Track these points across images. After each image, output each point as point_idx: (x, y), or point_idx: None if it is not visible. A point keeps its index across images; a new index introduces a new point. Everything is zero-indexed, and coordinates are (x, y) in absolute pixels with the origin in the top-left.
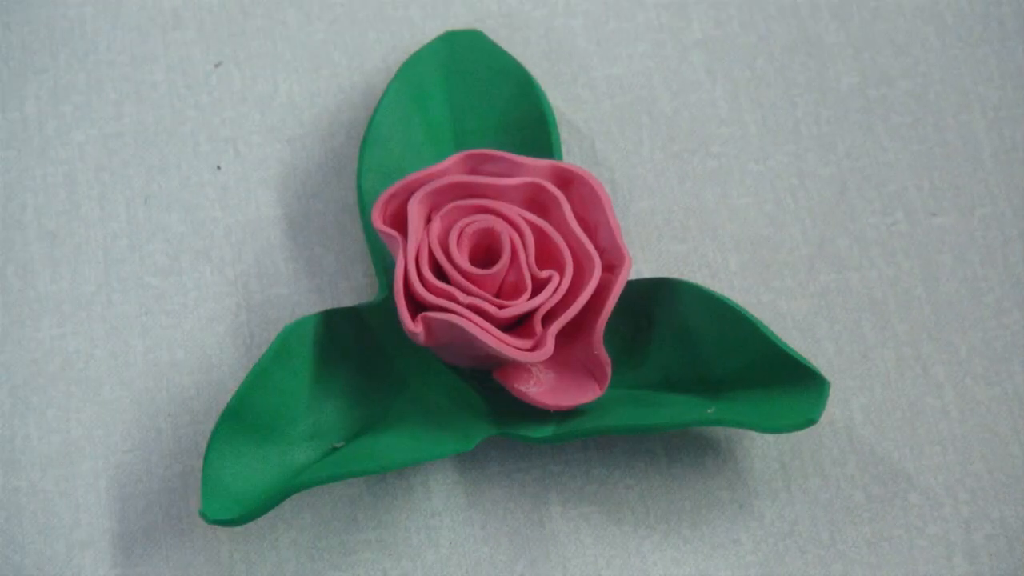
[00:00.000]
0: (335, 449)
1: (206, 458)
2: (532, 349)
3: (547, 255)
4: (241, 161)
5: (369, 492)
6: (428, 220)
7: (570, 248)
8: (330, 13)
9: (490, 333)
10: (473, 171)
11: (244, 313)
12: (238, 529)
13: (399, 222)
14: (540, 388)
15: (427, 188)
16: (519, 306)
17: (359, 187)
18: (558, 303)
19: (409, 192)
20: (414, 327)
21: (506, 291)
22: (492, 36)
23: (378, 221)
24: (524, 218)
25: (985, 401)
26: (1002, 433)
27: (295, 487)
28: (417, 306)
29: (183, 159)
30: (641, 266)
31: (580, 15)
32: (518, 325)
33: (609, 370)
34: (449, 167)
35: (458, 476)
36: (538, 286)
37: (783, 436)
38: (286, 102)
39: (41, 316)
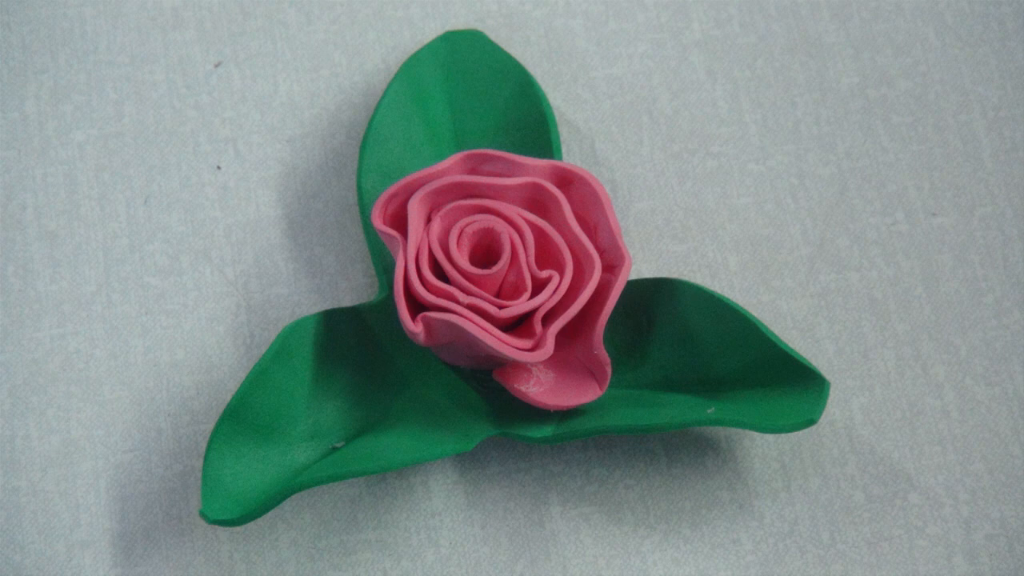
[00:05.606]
0: (335, 449)
1: (206, 458)
2: (532, 349)
3: (547, 255)
4: (241, 161)
5: (369, 492)
6: (428, 220)
7: (570, 248)
8: (330, 13)
9: (490, 333)
10: (473, 171)
11: (244, 313)
12: (238, 529)
13: (399, 222)
14: (540, 388)
15: (427, 188)
16: (519, 306)
17: (359, 187)
18: (558, 303)
19: (409, 192)
20: (414, 327)
21: (506, 291)
22: (492, 36)
23: (378, 221)
24: (524, 218)
25: (985, 401)
26: (1002, 433)
27: (295, 487)
28: (417, 306)
29: (183, 159)
30: (641, 266)
31: (580, 15)
32: (518, 325)
33: (609, 370)
34: (449, 167)
35: (458, 476)
36: (538, 286)
37: (783, 436)
38: (286, 102)
39: (41, 316)
